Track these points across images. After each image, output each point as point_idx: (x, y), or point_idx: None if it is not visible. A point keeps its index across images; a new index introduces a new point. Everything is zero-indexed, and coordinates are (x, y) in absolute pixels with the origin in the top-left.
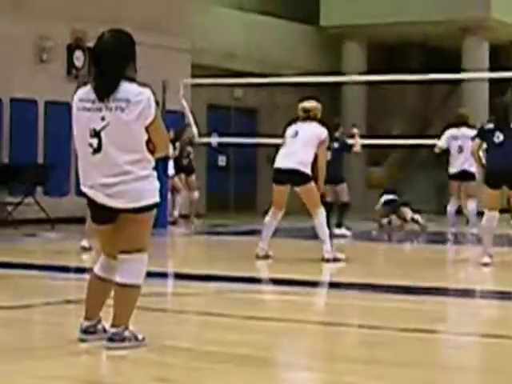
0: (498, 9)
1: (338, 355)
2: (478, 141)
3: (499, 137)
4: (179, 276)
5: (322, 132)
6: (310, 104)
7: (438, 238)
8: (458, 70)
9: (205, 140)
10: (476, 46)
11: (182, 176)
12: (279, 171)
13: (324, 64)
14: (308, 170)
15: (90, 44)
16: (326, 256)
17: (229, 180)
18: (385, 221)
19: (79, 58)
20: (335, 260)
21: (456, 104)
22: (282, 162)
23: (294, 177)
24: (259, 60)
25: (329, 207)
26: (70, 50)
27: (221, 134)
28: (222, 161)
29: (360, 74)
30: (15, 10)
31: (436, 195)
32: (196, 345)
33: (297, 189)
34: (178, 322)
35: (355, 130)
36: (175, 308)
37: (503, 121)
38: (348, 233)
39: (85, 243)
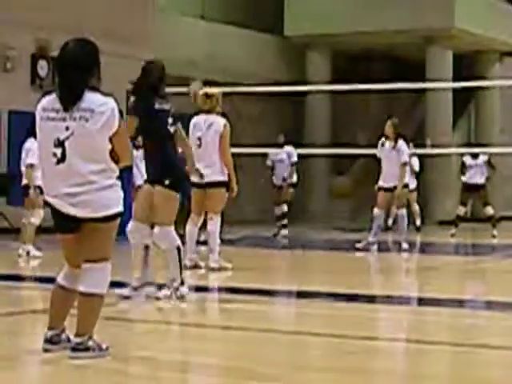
0: (461, 18)
1: (303, 364)
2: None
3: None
4: (143, 285)
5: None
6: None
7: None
8: (422, 80)
9: None
10: (439, 56)
11: None
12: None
13: (288, 73)
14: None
15: (54, 53)
16: (212, 265)
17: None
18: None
19: (43, 67)
20: (221, 269)
21: (420, 114)
22: None
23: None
24: (223, 69)
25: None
26: (34, 59)
27: None
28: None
29: (324, 83)
30: None
31: None
32: (160, 354)
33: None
34: (141, 331)
35: None
36: (140, 318)
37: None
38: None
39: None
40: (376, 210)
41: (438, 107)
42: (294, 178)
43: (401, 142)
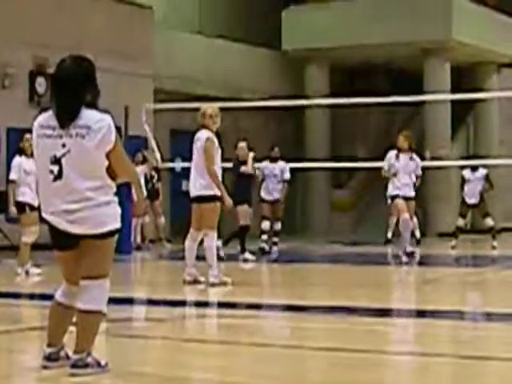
0: (458, 30)
1: (302, 378)
2: None
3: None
4: (144, 301)
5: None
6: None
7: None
8: (421, 92)
9: (168, 165)
10: (437, 68)
11: (147, 201)
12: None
13: (287, 88)
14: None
15: (52, 70)
16: (211, 280)
17: None
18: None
19: (41, 84)
20: (221, 284)
21: (419, 126)
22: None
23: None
24: (222, 84)
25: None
26: (32, 76)
27: (184, 159)
28: (186, 186)
29: (323, 97)
30: None
31: None
32: (161, 370)
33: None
34: (142, 347)
35: (251, 154)
36: (140, 333)
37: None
38: (251, 257)
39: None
40: (403, 217)
41: (436, 119)
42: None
43: (417, 158)
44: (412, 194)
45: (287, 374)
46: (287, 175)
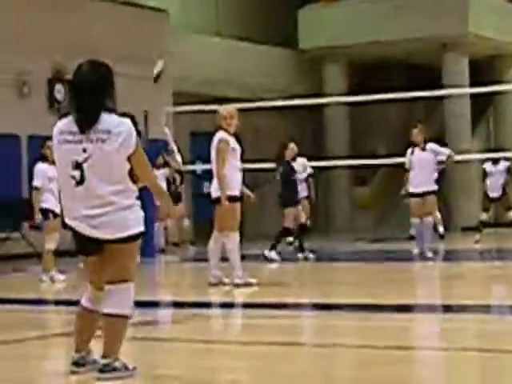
0: (476, 24)
1: (332, 376)
2: None
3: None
4: (169, 304)
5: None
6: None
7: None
8: (440, 86)
9: (189, 167)
10: (456, 62)
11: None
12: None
13: (305, 86)
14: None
15: (70, 76)
16: (236, 281)
17: None
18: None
19: (60, 90)
20: (246, 285)
21: (439, 120)
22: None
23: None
24: (240, 85)
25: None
26: (51, 83)
27: (205, 161)
28: (207, 188)
29: (341, 95)
30: None
31: None
32: (187, 372)
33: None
34: (168, 350)
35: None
36: (166, 336)
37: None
38: (277, 257)
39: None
40: (413, 219)
41: (456, 113)
42: (311, 192)
43: (431, 144)
44: (431, 188)
45: (317, 372)
46: (309, 170)
